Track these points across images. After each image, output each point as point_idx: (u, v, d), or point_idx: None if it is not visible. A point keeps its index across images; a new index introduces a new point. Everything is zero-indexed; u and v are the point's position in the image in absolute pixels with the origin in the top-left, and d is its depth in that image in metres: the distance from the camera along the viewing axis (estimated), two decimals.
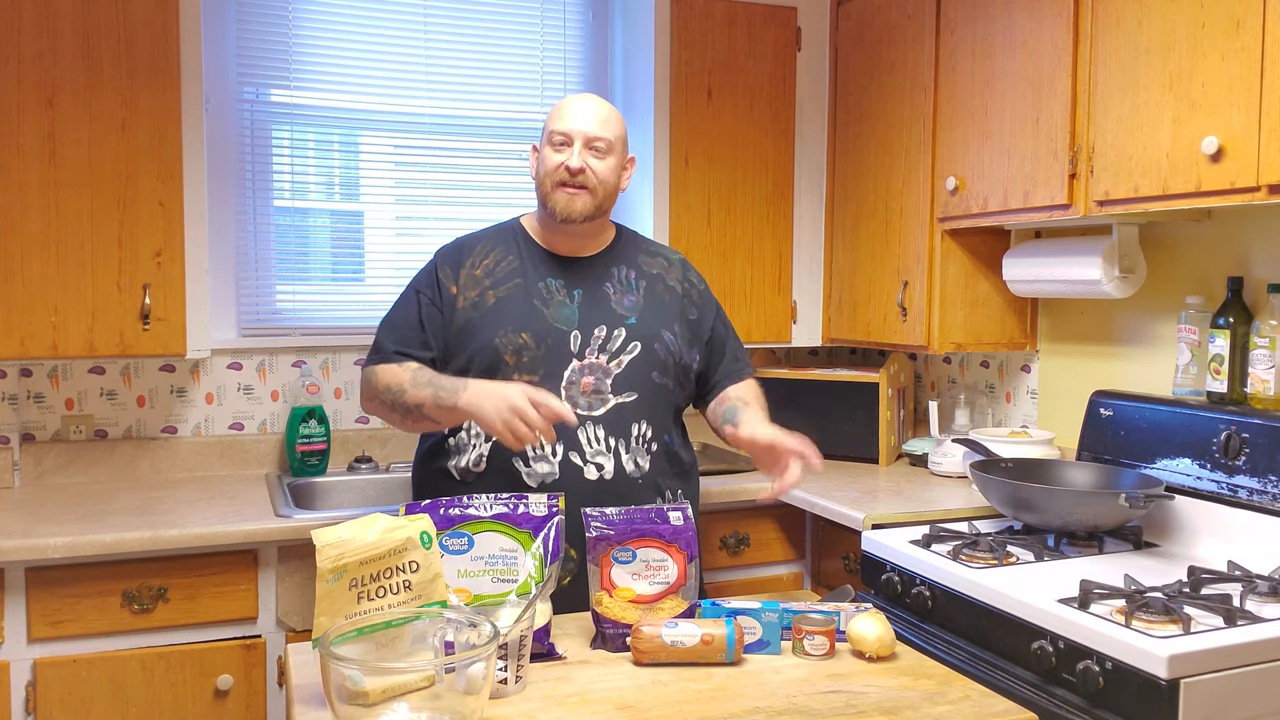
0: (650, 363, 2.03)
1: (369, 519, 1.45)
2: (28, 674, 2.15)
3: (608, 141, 2.01)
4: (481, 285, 2.03)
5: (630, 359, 2.01)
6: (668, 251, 2.21)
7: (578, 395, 1.97)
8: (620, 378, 2.00)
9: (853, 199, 3.04)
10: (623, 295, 2.07)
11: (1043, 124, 2.31)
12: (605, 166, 2.01)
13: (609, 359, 2.00)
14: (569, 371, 1.98)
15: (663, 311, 2.09)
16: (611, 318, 2.03)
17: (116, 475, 2.77)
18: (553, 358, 1.98)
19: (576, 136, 1.99)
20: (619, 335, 2.02)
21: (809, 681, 1.49)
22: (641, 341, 2.02)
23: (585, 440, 1.96)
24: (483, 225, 2.19)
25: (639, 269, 2.12)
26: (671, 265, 2.17)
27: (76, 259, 2.41)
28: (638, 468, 2.00)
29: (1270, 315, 2.11)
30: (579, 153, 1.99)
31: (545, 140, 2.04)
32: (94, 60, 2.40)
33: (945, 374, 3.20)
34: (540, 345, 1.98)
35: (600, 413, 1.98)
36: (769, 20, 3.04)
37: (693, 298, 2.15)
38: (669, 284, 2.13)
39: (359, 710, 1.26)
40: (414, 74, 3.06)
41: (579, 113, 2.01)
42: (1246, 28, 1.84)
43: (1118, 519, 2.13)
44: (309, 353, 2.96)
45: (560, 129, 2.00)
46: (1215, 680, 1.58)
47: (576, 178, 1.98)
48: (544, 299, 2.02)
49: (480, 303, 2.02)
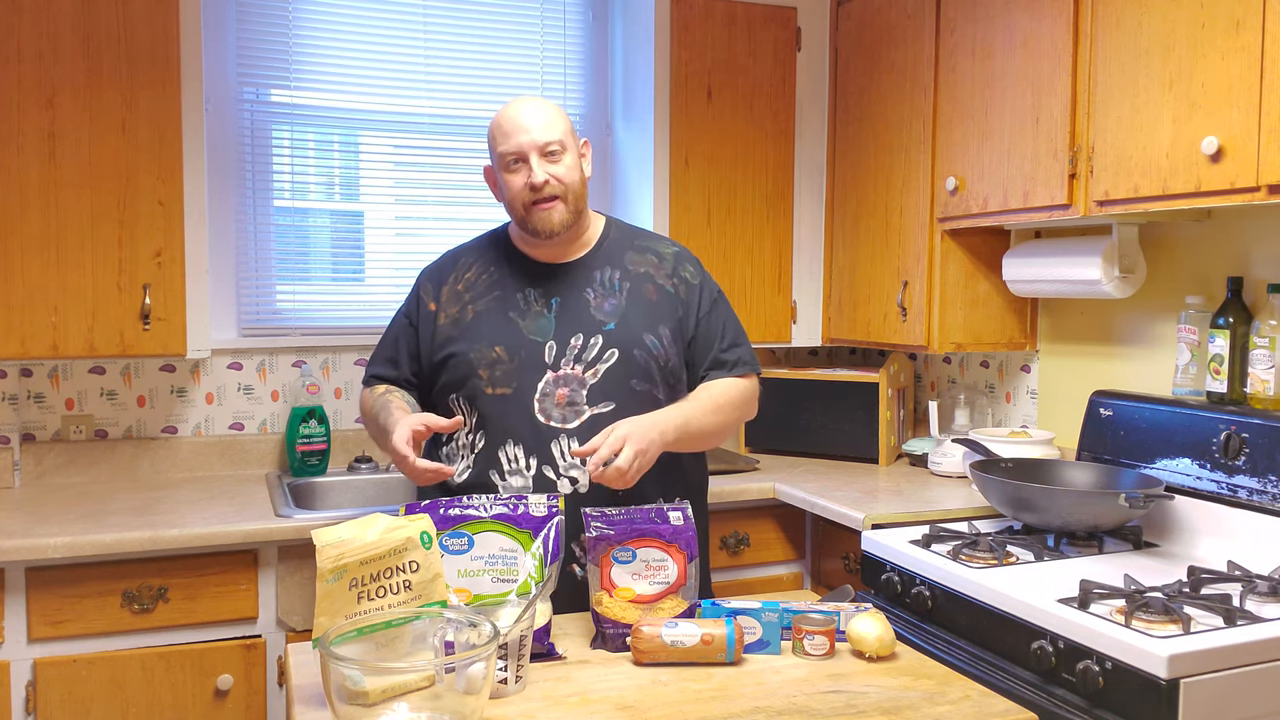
0: (629, 370, 1.96)
1: (369, 519, 1.45)
2: (28, 674, 2.15)
3: (558, 142, 1.94)
4: (462, 300, 2.01)
5: (607, 368, 1.94)
6: (661, 245, 2.12)
7: (551, 408, 1.92)
8: (596, 388, 1.94)
9: (853, 199, 3.04)
10: (603, 300, 2.00)
11: (1043, 124, 2.31)
12: (565, 168, 1.95)
13: (584, 369, 1.94)
14: (542, 384, 1.93)
15: (647, 313, 2.00)
16: (589, 325, 1.97)
17: (116, 475, 2.77)
18: (525, 370, 1.93)
19: (528, 150, 1.92)
20: (595, 343, 1.95)
21: (809, 681, 1.49)
22: (619, 348, 1.96)
23: (559, 453, 1.91)
24: (483, 225, 2.19)
25: (624, 269, 2.04)
26: (663, 261, 2.07)
27: (76, 259, 2.41)
28: None
29: (1270, 315, 2.11)
30: (537, 166, 1.92)
31: (498, 164, 1.98)
32: (94, 60, 2.40)
33: (945, 374, 3.20)
34: (513, 358, 1.94)
35: (574, 425, 1.92)
36: (769, 20, 3.04)
37: (681, 295, 2.05)
38: (658, 283, 2.04)
39: (359, 710, 1.26)
40: (414, 74, 3.06)
41: (520, 125, 1.93)
42: (1246, 28, 1.84)
43: (1118, 519, 2.13)
44: (309, 353, 2.96)
45: (509, 150, 1.94)
46: (1215, 680, 1.58)
47: (544, 191, 1.93)
48: (521, 310, 1.98)
49: (460, 318, 1.99)
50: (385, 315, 2.20)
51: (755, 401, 2.13)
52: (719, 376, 2.05)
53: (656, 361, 1.98)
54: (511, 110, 1.96)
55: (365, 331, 2.97)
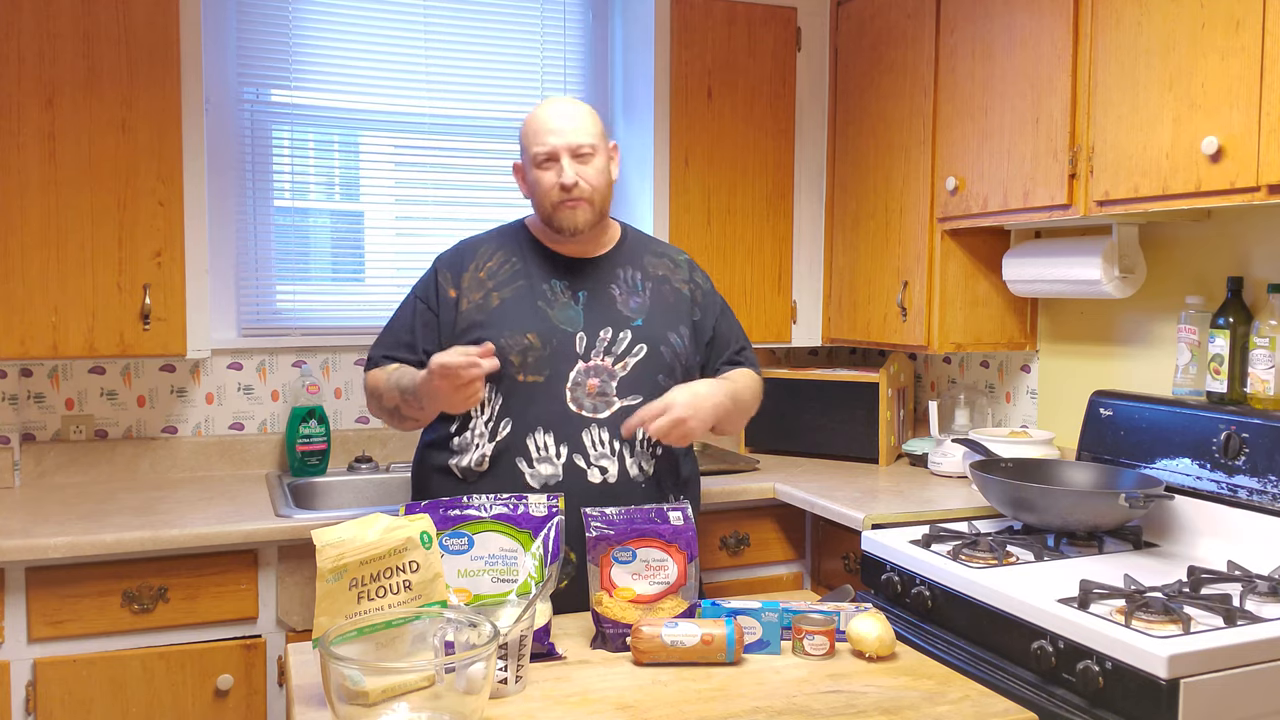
0: (656, 365, 2.02)
1: (369, 519, 1.45)
2: (28, 674, 2.15)
3: (590, 145, 1.99)
4: (485, 287, 2.03)
5: (636, 361, 2.00)
6: (674, 252, 2.20)
7: (583, 397, 1.97)
8: (625, 380, 1.99)
9: (853, 199, 3.04)
10: (629, 297, 2.06)
11: (1042, 124, 2.31)
12: (595, 170, 2.00)
13: (614, 361, 1.99)
14: (574, 373, 1.98)
15: (669, 313, 2.08)
16: (617, 319, 2.02)
17: (117, 475, 2.77)
18: (558, 358, 1.97)
19: (561, 151, 1.97)
20: (625, 337, 2.01)
21: (809, 681, 1.49)
22: (648, 344, 2.02)
23: (590, 443, 1.96)
24: (483, 225, 2.19)
25: (645, 270, 2.11)
26: (678, 266, 2.16)
27: (76, 259, 2.41)
28: (641, 472, 2.00)
29: (1270, 315, 2.11)
30: (568, 167, 1.96)
31: (529, 161, 2.01)
32: (94, 60, 2.40)
33: (945, 374, 3.20)
34: (546, 346, 1.97)
35: (605, 415, 1.97)
36: (769, 20, 3.04)
37: (697, 299, 2.15)
38: (675, 285, 2.13)
39: (359, 710, 1.26)
40: (414, 74, 3.06)
41: (554, 125, 1.97)
42: (1246, 28, 1.84)
43: (1118, 519, 2.13)
44: (309, 353, 2.96)
45: (541, 148, 1.98)
46: (1215, 680, 1.58)
47: (573, 191, 1.97)
48: (548, 300, 2.02)
49: (485, 304, 2.01)
50: (385, 315, 2.19)
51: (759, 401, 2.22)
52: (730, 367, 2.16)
53: (679, 360, 2.06)
54: (547, 110, 2.01)
55: (365, 331, 2.97)
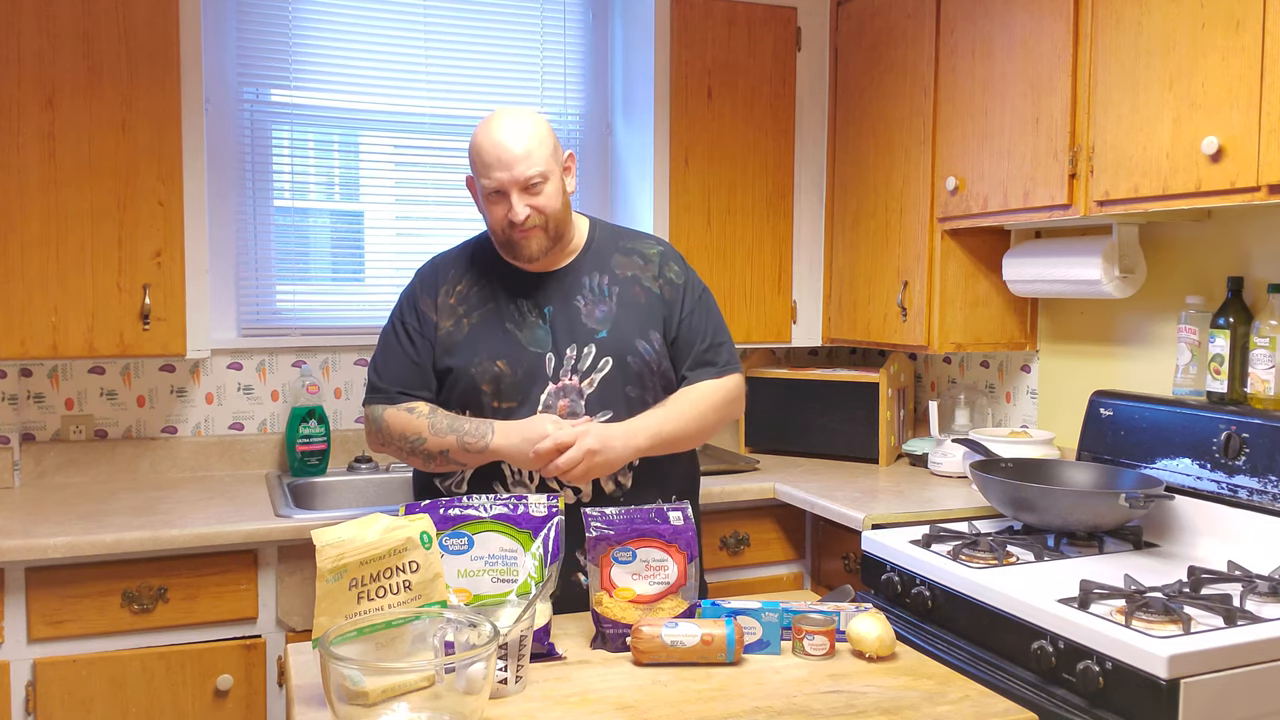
0: (623, 378, 1.96)
1: (369, 519, 1.45)
2: (28, 674, 2.15)
3: (540, 173, 1.89)
4: (456, 313, 1.99)
5: (601, 376, 1.95)
6: (646, 245, 2.09)
7: None
8: (593, 397, 1.94)
9: (853, 199, 3.04)
10: (594, 306, 1.99)
11: (1042, 124, 2.31)
12: (547, 197, 1.91)
13: (580, 379, 1.95)
14: (545, 395, 1.94)
15: (637, 319, 2.00)
16: (582, 334, 1.96)
17: (116, 475, 2.77)
18: (529, 383, 1.94)
19: (508, 187, 1.88)
20: (589, 352, 1.95)
21: (809, 681, 1.49)
22: (613, 356, 1.96)
23: None
24: (482, 225, 2.18)
25: (611, 273, 2.03)
26: (648, 262, 2.05)
27: (76, 259, 2.41)
28: (619, 487, 1.97)
29: (1270, 315, 2.11)
30: (517, 204, 1.88)
31: (480, 190, 1.94)
32: (94, 60, 2.40)
33: (945, 374, 3.20)
34: (516, 371, 1.94)
35: None
36: (769, 20, 3.04)
37: (666, 295, 2.03)
38: (644, 285, 2.03)
39: (359, 710, 1.26)
40: (414, 74, 3.06)
41: (500, 159, 1.87)
42: (1246, 28, 1.84)
43: (1118, 519, 2.13)
44: (309, 353, 2.96)
45: (489, 183, 1.89)
46: (1215, 680, 1.58)
47: (524, 223, 1.90)
48: (517, 321, 1.97)
49: (456, 330, 1.98)
50: (385, 315, 2.18)
51: (741, 400, 2.12)
52: (701, 377, 2.04)
53: (649, 367, 1.99)
54: (492, 138, 1.89)
55: (365, 331, 2.97)
